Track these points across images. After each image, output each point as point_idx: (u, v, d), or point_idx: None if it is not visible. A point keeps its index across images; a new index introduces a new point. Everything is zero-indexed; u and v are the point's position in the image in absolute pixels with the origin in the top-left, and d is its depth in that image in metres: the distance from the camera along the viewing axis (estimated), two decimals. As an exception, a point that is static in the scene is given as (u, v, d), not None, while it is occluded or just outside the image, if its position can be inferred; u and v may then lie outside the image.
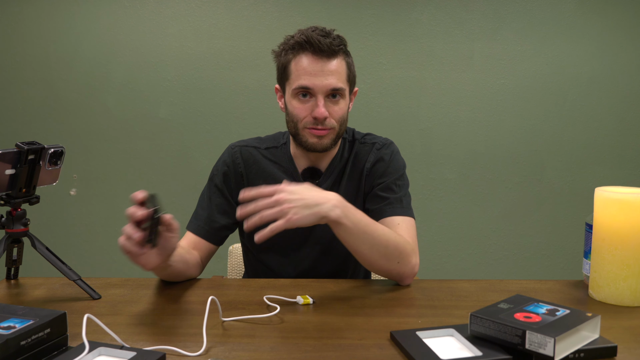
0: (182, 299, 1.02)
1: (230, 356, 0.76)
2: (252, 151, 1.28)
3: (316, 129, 1.16)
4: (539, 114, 2.58)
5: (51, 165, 1.01)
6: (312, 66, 1.13)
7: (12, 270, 1.12)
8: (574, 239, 2.61)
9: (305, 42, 1.13)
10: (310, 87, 1.13)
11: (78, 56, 2.52)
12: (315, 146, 1.18)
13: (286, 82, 1.19)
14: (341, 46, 1.16)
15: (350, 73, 1.19)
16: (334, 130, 1.18)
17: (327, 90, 1.14)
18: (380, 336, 0.83)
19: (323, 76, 1.13)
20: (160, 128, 2.56)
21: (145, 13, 2.51)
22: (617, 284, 0.98)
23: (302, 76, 1.14)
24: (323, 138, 1.17)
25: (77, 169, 2.56)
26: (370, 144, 1.29)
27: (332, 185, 1.26)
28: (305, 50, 1.14)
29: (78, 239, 2.59)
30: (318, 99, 1.14)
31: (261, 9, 2.51)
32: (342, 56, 1.17)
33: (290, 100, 1.18)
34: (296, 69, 1.15)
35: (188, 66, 2.53)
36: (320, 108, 1.14)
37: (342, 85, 1.15)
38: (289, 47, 1.17)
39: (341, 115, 1.18)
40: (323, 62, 1.13)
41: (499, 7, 2.53)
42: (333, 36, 1.16)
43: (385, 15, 2.52)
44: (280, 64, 1.20)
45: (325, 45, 1.12)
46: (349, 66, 1.19)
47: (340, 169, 1.27)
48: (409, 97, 2.57)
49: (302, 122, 1.17)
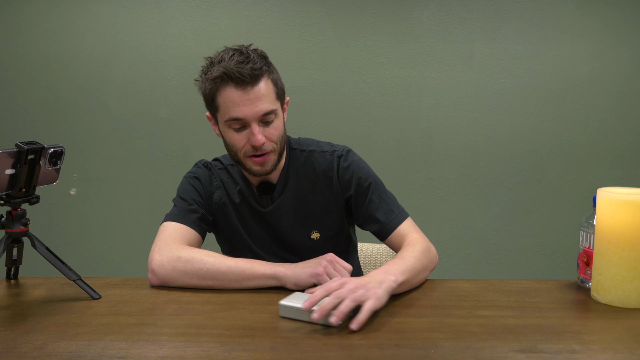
0: (182, 298, 1.01)
1: (230, 356, 0.76)
2: (219, 171, 1.30)
3: (256, 156, 1.16)
4: (539, 114, 2.58)
5: (51, 165, 1.01)
6: (239, 97, 1.10)
7: (12, 270, 1.12)
8: (574, 239, 2.61)
9: (225, 75, 1.09)
10: (241, 117, 1.11)
11: (78, 56, 2.52)
12: (260, 172, 1.18)
13: (217, 113, 1.16)
14: (263, 67, 1.11)
15: (277, 89, 1.16)
16: (274, 152, 1.17)
17: (259, 117, 1.12)
18: (381, 336, 0.83)
19: (252, 104, 1.11)
20: (160, 128, 2.55)
21: (145, 13, 2.51)
22: (624, 286, 0.97)
23: (231, 108, 1.11)
24: (265, 163, 1.17)
25: (77, 169, 2.56)
26: (330, 152, 1.27)
27: (288, 198, 1.26)
28: (227, 83, 1.10)
29: (78, 239, 2.59)
30: (252, 127, 1.12)
31: (261, 9, 2.51)
32: (265, 76, 1.12)
33: (225, 131, 1.16)
34: (224, 102, 1.12)
35: (188, 66, 2.53)
36: (256, 136, 1.12)
37: (273, 107, 1.13)
38: (211, 79, 1.12)
39: (278, 134, 1.17)
40: (248, 90, 1.10)
41: (499, 7, 2.53)
42: (252, 59, 1.11)
43: (385, 15, 2.52)
44: (206, 95, 1.16)
45: (246, 75, 1.09)
46: (275, 82, 1.16)
47: (295, 179, 1.27)
48: (409, 97, 2.57)
49: (241, 152, 1.16)
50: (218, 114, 1.16)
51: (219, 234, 1.33)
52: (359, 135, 2.56)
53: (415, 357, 0.76)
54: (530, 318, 0.92)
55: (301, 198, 1.26)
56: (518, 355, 0.76)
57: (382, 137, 2.56)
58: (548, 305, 0.99)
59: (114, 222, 2.58)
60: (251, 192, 1.27)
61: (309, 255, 1.13)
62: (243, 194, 1.27)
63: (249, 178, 1.27)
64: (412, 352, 0.78)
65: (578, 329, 0.87)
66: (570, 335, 0.84)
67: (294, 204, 1.26)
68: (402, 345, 0.80)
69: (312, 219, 1.27)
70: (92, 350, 0.77)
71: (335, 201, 1.26)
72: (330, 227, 1.28)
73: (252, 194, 1.27)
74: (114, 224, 2.58)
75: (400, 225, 1.22)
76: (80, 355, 0.76)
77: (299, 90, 2.53)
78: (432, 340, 0.82)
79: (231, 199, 1.27)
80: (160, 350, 0.77)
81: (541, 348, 0.79)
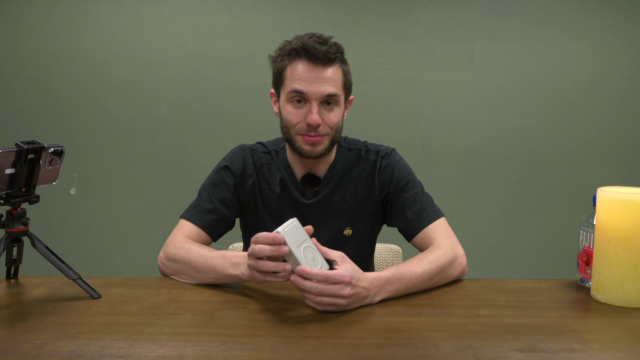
0: (182, 298, 1.01)
1: (230, 356, 0.76)
2: (261, 155, 1.29)
3: (309, 136, 1.16)
4: (539, 114, 2.58)
5: (51, 164, 1.01)
6: (307, 72, 1.13)
7: (12, 269, 1.12)
8: (573, 238, 2.61)
9: (301, 49, 1.13)
10: (304, 92, 1.13)
11: (78, 56, 2.52)
12: (309, 153, 1.18)
13: (281, 87, 1.19)
14: (337, 54, 1.15)
15: (346, 81, 1.19)
16: (327, 137, 1.18)
17: (321, 97, 1.14)
18: (381, 336, 0.83)
19: (318, 83, 1.13)
20: (160, 128, 2.55)
21: (145, 13, 2.51)
22: (624, 285, 0.97)
23: (296, 81, 1.14)
24: (316, 145, 1.17)
25: (77, 168, 2.56)
26: (374, 152, 1.29)
27: (331, 192, 1.26)
28: (301, 57, 1.14)
29: (78, 238, 2.59)
30: (312, 105, 1.14)
31: (261, 9, 2.51)
32: (338, 64, 1.16)
33: (284, 105, 1.18)
34: (291, 75, 1.15)
35: (188, 66, 2.53)
36: (313, 115, 1.13)
37: (336, 92, 1.15)
38: (285, 53, 1.17)
39: (335, 122, 1.18)
40: (318, 69, 1.13)
41: (499, 7, 2.53)
42: (330, 44, 1.15)
43: (385, 15, 2.52)
44: (276, 69, 1.19)
45: (321, 53, 1.12)
46: (345, 74, 1.19)
47: (339, 176, 1.27)
48: (409, 97, 2.57)
49: (295, 128, 1.17)
50: (282, 87, 1.18)
51: (245, 219, 1.32)
52: (359, 135, 2.55)
53: (415, 356, 0.76)
54: (530, 317, 0.92)
55: (342, 194, 1.27)
56: (518, 355, 0.76)
57: (382, 137, 2.56)
58: (548, 304, 0.99)
59: (114, 222, 2.58)
60: (294, 183, 1.26)
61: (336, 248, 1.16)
62: (285, 183, 1.26)
63: (294, 167, 1.27)
64: (412, 351, 0.78)
65: (578, 328, 0.87)
66: (570, 335, 0.84)
67: (335, 199, 1.27)
68: (402, 345, 0.80)
69: (349, 215, 1.27)
70: (92, 349, 0.77)
71: (372, 199, 1.27)
72: (364, 225, 1.29)
73: (295, 184, 1.26)
74: (114, 224, 2.58)
75: (430, 226, 1.19)
76: (80, 354, 0.76)
77: (299, 90, 2.52)
78: (432, 340, 0.82)
79: (270, 186, 1.27)
80: (160, 349, 0.77)
81: (541, 347, 0.79)
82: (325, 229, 1.27)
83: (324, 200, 1.26)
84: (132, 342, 0.80)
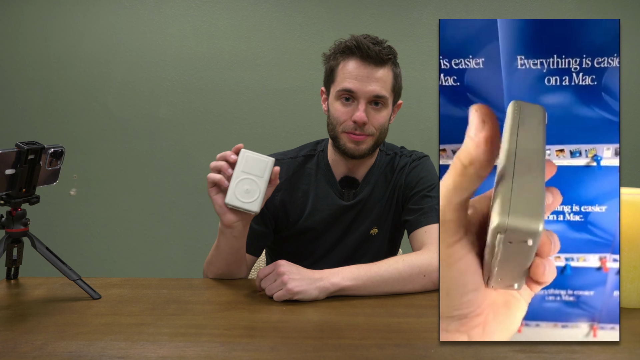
0: (182, 298, 1.01)
1: (230, 356, 0.76)
2: (290, 163, 1.28)
3: (354, 134, 1.17)
4: (539, 114, 2.58)
5: (51, 165, 1.01)
6: (358, 71, 1.14)
7: (12, 270, 1.12)
8: (574, 239, 2.61)
9: (355, 47, 1.14)
10: (353, 90, 1.14)
11: (78, 56, 2.52)
12: (353, 151, 1.18)
13: (331, 85, 1.20)
14: (390, 56, 1.17)
15: (396, 84, 1.20)
16: (372, 137, 1.18)
17: (369, 97, 1.15)
18: (380, 336, 0.83)
19: (367, 82, 1.14)
20: (160, 128, 2.55)
21: (145, 13, 2.51)
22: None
23: (347, 79, 1.15)
24: (361, 144, 1.18)
25: (77, 169, 2.56)
26: (408, 155, 1.30)
27: (368, 195, 1.27)
28: (353, 55, 1.15)
29: (78, 239, 2.59)
30: (360, 103, 1.15)
31: (261, 9, 2.51)
32: (389, 66, 1.17)
33: (332, 103, 1.19)
34: (342, 72, 1.16)
35: (188, 66, 2.53)
36: (360, 112, 1.14)
37: (385, 94, 1.16)
38: (338, 51, 1.18)
39: (381, 123, 1.18)
40: (370, 68, 1.14)
41: (499, 7, 2.53)
42: (384, 45, 1.17)
43: (385, 15, 2.52)
44: (329, 67, 1.21)
45: (373, 52, 1.13)
46: (396, 77, 1.20)
47: (376, 179, 1.28)
48: (409, 97, 2.56)
49: (341, 126, 1.18)
50: (333, 85, 1.19)
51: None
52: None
53: (416, 357, 0.76)
54: (530, 318, 0.92)
55: (376, 196, 1.27)
56: (518, 355, 0.76)
57: (382, 137, 2.56)
58: (548, 305, 0.99)
59: (114, 222, 2.58)
60: (334, 184, 1.27)
61: (362, 247, 1.18)
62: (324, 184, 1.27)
63: (334, 169, 1.27)
64: (412, 352, 0.78)
65: (578, 329, 0.87)
66: (570, 335, 0.84)
67: (370, 202, 1.27)
68: (403, 346, 0.80)
69: (377, 214, 1.28)
70: (92, 350, 0.77)
71: (398, 199, 1.28)
72: (389, 225, 1.29)
73: (334, 185, 1.27)
74: (114, 224, 2.58)
75: (427, 227, 1.16)
76: (80, 355, 0.76)
77: (299, 90, 2.53)
78: (432, 340, 0.82)
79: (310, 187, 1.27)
80: (160, 350, 0.77)
81: (541, 348, 0.79)
82: (356, 230, 1.28)
83: (361, 202, 1.27)
84: (132, 342, 0.80)
